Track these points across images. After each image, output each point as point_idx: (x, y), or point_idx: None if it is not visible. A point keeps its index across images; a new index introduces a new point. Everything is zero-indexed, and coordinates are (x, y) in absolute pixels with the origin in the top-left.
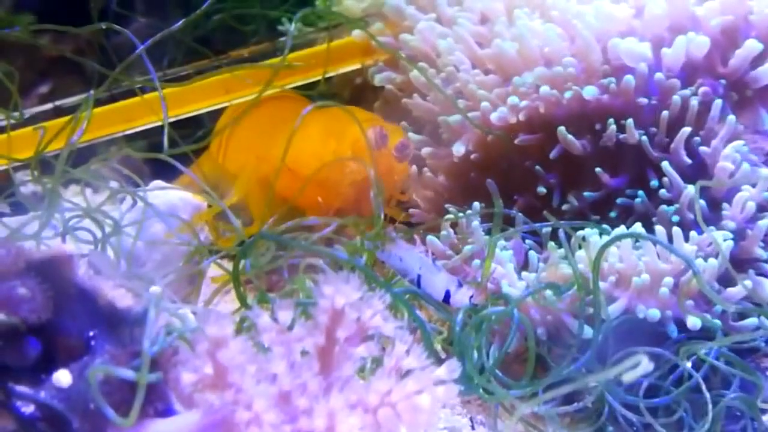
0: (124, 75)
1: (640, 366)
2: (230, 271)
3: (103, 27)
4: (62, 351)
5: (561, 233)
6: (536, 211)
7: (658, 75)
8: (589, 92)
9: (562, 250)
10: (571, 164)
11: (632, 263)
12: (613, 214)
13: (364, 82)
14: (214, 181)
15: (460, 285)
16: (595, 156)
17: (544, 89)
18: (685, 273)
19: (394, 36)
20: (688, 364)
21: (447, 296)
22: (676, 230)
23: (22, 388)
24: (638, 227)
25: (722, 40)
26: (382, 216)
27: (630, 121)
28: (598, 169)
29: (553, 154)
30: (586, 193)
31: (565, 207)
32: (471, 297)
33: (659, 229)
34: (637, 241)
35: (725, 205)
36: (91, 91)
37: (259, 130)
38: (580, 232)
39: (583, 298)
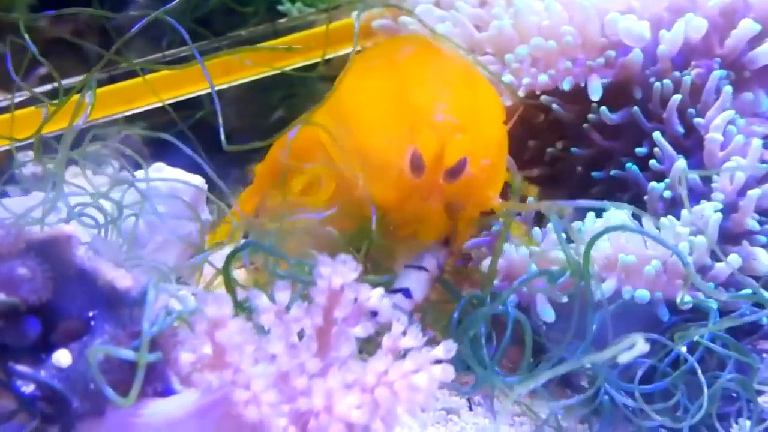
0: (117, 56)
1: (635, 347)
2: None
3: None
4: (62, 331)
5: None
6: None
7: (662, 48)
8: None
9: (554, 236)
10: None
11: (620, 247)
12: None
13: None
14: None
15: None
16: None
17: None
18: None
19: (393, 18)
20: (683, 348)
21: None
22: (666, 220)
23: (22, 368)
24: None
25: (721, 21)
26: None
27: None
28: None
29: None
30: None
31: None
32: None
33: (647, 223)
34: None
35: (714, 177)
36: (92, 72)
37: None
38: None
39: (578, 284)
